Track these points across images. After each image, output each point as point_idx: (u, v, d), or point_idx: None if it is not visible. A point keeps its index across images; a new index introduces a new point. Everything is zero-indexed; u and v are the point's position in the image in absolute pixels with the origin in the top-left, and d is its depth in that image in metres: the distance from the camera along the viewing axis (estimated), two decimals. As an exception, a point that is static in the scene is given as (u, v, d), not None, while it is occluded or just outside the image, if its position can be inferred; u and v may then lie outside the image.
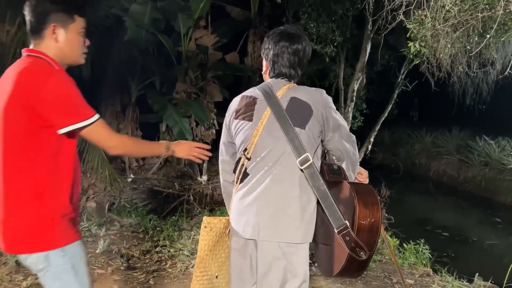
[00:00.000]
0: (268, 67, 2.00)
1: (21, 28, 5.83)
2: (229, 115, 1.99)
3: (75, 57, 1.76)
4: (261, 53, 2.03)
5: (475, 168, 9.10)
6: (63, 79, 1.63)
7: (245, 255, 1.90)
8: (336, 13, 7.00)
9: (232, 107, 1.99)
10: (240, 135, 1.91)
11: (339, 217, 1.67)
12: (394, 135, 12.03)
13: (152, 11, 6.51)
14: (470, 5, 3.60)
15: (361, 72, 7.68)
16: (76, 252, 1.70)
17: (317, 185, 1.74)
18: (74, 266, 1.68)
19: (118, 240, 4.40)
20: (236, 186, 1.93)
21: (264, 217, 1.80)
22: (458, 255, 5.26)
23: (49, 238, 1.64)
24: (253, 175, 1.86)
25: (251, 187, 1.86)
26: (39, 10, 1.68)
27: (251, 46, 8.30)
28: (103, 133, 1.68)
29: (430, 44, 4.17)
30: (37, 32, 1.69)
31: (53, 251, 1.64)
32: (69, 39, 1.72)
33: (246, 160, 1.86)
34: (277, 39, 1.94)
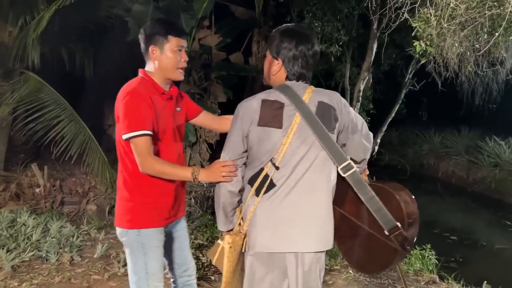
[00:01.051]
0: (283, 67, 1.86)
1: (22, 30, 5.80)
2: (248, 122, 1.78)
3: (171, 73, 2.06)
4: (271, 51, 1.87)
5: (484, 169, 8.90)
6: (133, 98, 1.95)
7: (272, 268, 1.81)
8: (342, 11, 6.90)
9: (251, 113, 1.78)
10: (267, 143, 1.76)
11: (389, 219, 1.67)
12: (402, 135, 11.85)
13: (154, 11, 6.43)
14: (478, 2, 3.48)
15: (367, 72, 7.57)
16: (150, 236, 2.07)
17: (363, 191, 1.73)
18: (145, 247, 2.06)
19: (117, 244, 4.32)
20: (257, 199, 1.79)
21: (303, 228, 1.78)
22: (466, 260, 5.11)
23: (128, 219, 2.07)
24: (282, 185, 1.76)
25: (282, 198, 1.77)
26: (142, 37, 2.08)
27: (256, 45, 8.23)
28: (138, 150, 1.94)
29: (436, 43, 4.05)
30: (145, 54, 2.08)
31: (131, 230, 2.06)
32: (164, 57, 2.04)
33: (274, 170, 1.76)
34: (297, 40, 1.83)
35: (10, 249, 3.84)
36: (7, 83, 5.80)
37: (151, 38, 2.04)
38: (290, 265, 1.80)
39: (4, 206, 4.87)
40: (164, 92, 2.08)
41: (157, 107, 2.03)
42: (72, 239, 4.19)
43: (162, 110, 2.06)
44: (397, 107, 8.28)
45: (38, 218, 4.52)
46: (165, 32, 2.03)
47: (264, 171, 1.77)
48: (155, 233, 2.09)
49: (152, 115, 1.98)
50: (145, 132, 1.93)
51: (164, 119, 2.08)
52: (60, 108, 5.22)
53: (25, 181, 5.28)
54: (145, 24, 2.16)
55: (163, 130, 2.08)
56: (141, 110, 1.95)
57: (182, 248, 2.33)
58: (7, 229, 4.15)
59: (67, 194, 5.26)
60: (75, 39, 6.43)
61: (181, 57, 2.06)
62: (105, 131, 7.68)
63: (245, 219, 1.84)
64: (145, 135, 1.94)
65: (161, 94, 2.07)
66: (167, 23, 2.09)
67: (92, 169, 5.13)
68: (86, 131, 5.16)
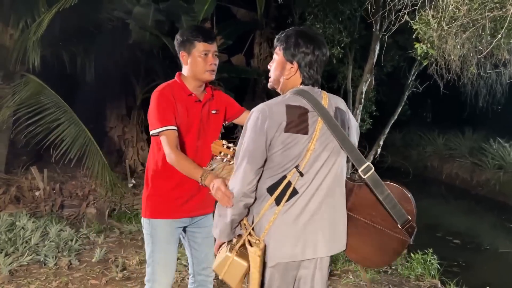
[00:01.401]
0: (299, 71, 1.83)
1: (23, 32, 5.80)
2: (274, 128, 1.70)
3: (200, 75, 2.24)
4: (285, 54, 1.81)
5: (488, 172, 8.82)
6: (158, 96, 2.19)
7: (288, 276, 1.80)
8: (344, 13, 6.84)
9: (277, 118, 1.71)
10: (293, 150, 1.72)
11: (403, 214, 1.78)
12: (406, 136, 11.78)
13: (155, 13, 6.43)
14: (479, 4, 3.42)
15: (370, 74, 7.48)
16: (158, 227, 2.25)
17: (381, 190, 1.79)
18: (153, 237, 2.26)
19: (116, 248, 4.31)
20: (277, 208, 1.74)
21: (324, 233, 1.79)
22: (469, 264, 5.04)
23: (144, 208, 2.30)
24: (304, 192, 1.75)
25: (304, 205, 1.75)
26: (175, 43, 2.29)
27: (257, 47, 8.19)
28: (165, 145, 2.14)
29: (438, 45, 4.00)
30: (181, 59, 2.28)
31: (144, 219, 2.30)
32: (192, 61, 2.23)
33: (297, 177, 1.73)
34: (314, 44, 1.81)
35: (8, 253, 3.83)
36: (8, 85, 5.80)
37: (181, 44, 2.25)
38: (306, 270, 1.80)
39: (3, 209, 4.86)
40: (191, 94, 2.26)
41: (181, 107, 2.22)
42: (71, 243, 4.17)
43: (187, 110, 2.24)
44: (400, 109, 8.20)
45: (38, 222, 4.50)
46: (192, 38, 2.21)
47: (287, 179, 1.73)
48: (163, 224, 2.26)
49: (173, 113, 2.18)
50: (169, 128, 2.16)
51: (188, 119, 2.24)
52: (60, 110, 5.21)
53: (25, 184, 5.27)
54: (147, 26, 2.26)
55: (186, 129, 2.24)
56: (163, 107, 2.17)
57: (204, 244, 2.42)
58: (5, 233, 4.15)
59: (67, 197, 5.25)
60: (76, 41, 6.43)
61: (208, 60, 2.22)
62: (107, 133, 7.68)
63: (261, 230, 1.77)
64: (170, 130, 2.16)
65: (188, 96, 2.26)
66: (195, 29, 2.26)
67: (92, 172, 5.11)
68: (86, 134, 5.15)
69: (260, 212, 1.77)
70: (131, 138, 7.69)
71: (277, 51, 1.86)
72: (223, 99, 2.46)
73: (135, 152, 7.60)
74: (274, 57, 1.89)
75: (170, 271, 2.33)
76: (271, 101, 1.78)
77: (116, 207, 5.27)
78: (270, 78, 1.92)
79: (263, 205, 1.76)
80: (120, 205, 5.29)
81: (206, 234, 2.41)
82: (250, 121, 1.76)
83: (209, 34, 2.26)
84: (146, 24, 6.49)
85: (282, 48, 1.83)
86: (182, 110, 2.22)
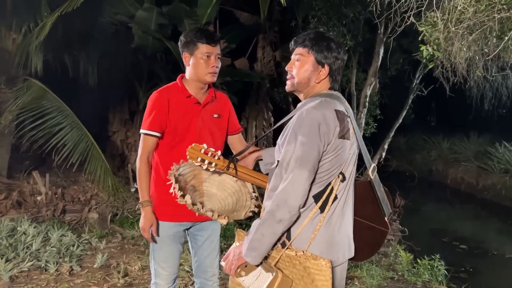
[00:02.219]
0: (329, 76, 1.79)
1: (26, 36, 5.79)
2: (331, 134, 1.66)
3: (201, 77, 2.24)
4: (317, 57, 1.76)
5: (494, 176, 8.73)
6: (151, 98, 2.25)
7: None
8: (347, 16, 6.81)
9: (333, 124, 1.66)
10: (340, 156, 1.70)
11: (389, 207, 1.92)
12: (410, 140, 11.69)
13: (158, 17, 6.40)
14: (486, 5, 3.37)
15: (374, 77, 7.45)
16: (161, 229, 2.27)
17: (379, 189, 1.88)
18: (155, 237, 2.27)
19: (118, 254, 4.26)
20: (322, 215, 1.69)
21: (349, 236, 1.82)
22: (476, 270, 4.95)
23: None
24: (340, 197, 1.74)
25: (340, 209, 1.75)
26: (179, 44, 2.28)
27: (261, 51, 8.14)
28: (139, 148, 2.26)
29: (444, 48, 3.94)
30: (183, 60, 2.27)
31: None
32: (194, 63, 2.23)
33: (339, 182, 1.71)
34: (343, 49, 1.80)
35: (9, 258, 3.78)
36: (10, 90, 5.78)
37: (184, 45, 2.25)
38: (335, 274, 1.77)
39: (5, 214, 4.82)
40: (190, 96, 2.27)
41: (177, 109, 2.25)
42: (73, 249, 4.12)
43: (185, 112, 2.26)
44: (405, 112, 8.15)
45: (39, 227, 4.45)
46: (195, 40, 2.21)
47: (331, 185, 1.70)
48: (163, 226, 2.26)
49: (164, 116, 2.23)
50: (148, 132, 2.23)
51: (185, 121, 2.26)
52: (62, 115, 5.18)
53: (27, 189, 5.23)
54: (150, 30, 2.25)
55: (184, 131, 2.26)
56: (151, 111, 2.23)
57: (204, 247, 2.43)
58: (6, 238, 4.09)
59: (69, 202, 5.20)
60: (78, 45, 6.41)
61: (210, 63, 2.22)
62: (109, 138, 7.64)
63: (305, 241, 1.69)
64: (148, 135, 2.23)
65: (186, 98, 2.27)
66: (198, 31, 2.25)
67: (94, 176, 5.07)
68: (88, 138, 5.11)
69: (303, 222, 1.68)
70: (134, 143, 7.64)
71: (304, 53, 1.78)
72: (228, 108, 2.45)
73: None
74: (298, 58, 1.79)
75: (169, 268, 2.35)
76: (317, 105, 1.70)
77: (118, 212, 5.21)
78: (291, 81, 1.82)
79: (307, 214, 1.69)
80: (122, 210, 5.24)
81: (207, 237, 2.42)
82: (304, 126, 1.66)
83: (212, 36, 2.25)
84: (149, 28, 6.47)
85: (313, 51, 1.77)
86: (178, 112, 2.25)
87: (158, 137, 2.27)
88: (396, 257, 4.52)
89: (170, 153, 2.25)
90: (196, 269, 2.50)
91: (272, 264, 1.69)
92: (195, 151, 1.99)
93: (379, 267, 4.07)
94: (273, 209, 1.63)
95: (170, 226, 2.27)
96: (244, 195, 2.18)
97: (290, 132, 1.69)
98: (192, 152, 1.99)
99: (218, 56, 2.26)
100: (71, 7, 4.87)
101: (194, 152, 1.99)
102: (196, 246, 2.46)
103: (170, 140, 2.29)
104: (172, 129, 2.26)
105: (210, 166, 2.00)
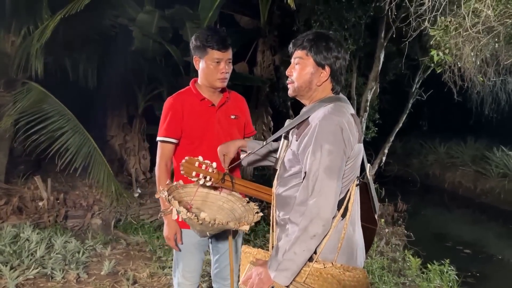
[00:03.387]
0: (330, 77, 1.73)
1: (25, 39, 5.68)
2: (353, 140, 1.63)
3: (211, 82, 2.23)
4: (316, 58, 1.70)
5: (492, 180, 8.77)
6: (166, 105, 2.27)
7: None
8: (349, 21, 6.80)
9: (353, 130, 1.64)
10: (357, 160, 1.69)
11: (377, 205, 1.93)
12: (406, 145, 11.72)
13: (159, 20, 6.34)
14: (499, 10, 3.38)
15: (375, 82, 7.46)
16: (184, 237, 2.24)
17: (372, 187, 1.87)
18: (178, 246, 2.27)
19: (124, 260, 4.17)
20: (344, 222, 1.66)
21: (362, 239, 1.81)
22: (483, 275, 4.93)
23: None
24: (354, 201, 1.70)
25: (356, 212, 1.74)
26: (190, 46, 2.27)
27: (261, 55, 8.11)
28: (158, 155, 2.27)
29: (453, 52, 3.95)
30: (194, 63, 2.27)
31: None
32: (204, 67, 2.21)
33: (355, 187, 1.68)
34: (344, 48, 1.74)
35: (13, 266, 3.68)
36: (9, 93, 5.67)
37: (194, 49, 2.24)
38: None
39: (6, 220, 4.71)
40: (204, 99, 2.27)
41: (192, 114, 2.25)
42: (78, 255, 4.03)
43: (200, 116, 2.26)
44: (405, 117, 8.17)
45: (42, 233, 4.36)
46: (205, 44, 2.18)
47: (350, 190, 1.67)
48: (187, 234, 2.24)
49: (179, 122, 2.23)
50: (164, 139, 2.24)
51: (201, 124, 2.26)
52: (64, 119, 5.09)
53: (27, 194, 5.12)
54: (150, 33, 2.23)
55: (201, 134, 2.25)
56: (165, 118, 2.24)
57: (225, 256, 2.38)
58: (10, 245, 4.00)
59: (71, 207, 5.10)
60: (78, 48, 6.32)
61: (220, 69, 2.20)
62: (107, 142, 7.54)
63: (332, 252, 1.64)
64: (164, 142, 2.25)
65: (201, 101, 2.27)
66: (209, 35, 2.19)
67: (97, 181, 4.98)
68: (91, 142, 5.02)
69: (329, 232, 1.62)
70: (132, 147, 7.55)
71: (302, 55, 1.72)
72: (244, 109, 2.47)
73: (136, 161, 7.46)
74: (298, 62, 1.73)
75: (193, 278, 2.34)
76: (333, 110, 1.65)
77: (121, 218, 5.13)
78: (292, 85, 1.77)
79: (332, 223, 1.63)
80: (125, 215, 5.15)
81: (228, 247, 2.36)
82: (327, 134, 1.59)
83: (224, 41, 2.20)
84: (149, 31, 6.40)
85: (312, 52, 1.70)
86: (193, 117, 2.25)
87: (175, 144, 2.27)
88: (404, 262, 4.49)
89: None
90: (215, 275, 2.50)
91: (302, 281, 1.60)
92: (190, 165, 1.91)
93: (390, 273, 4.04)
94: (306, 225, 1.56)
95: (194, 234, 2.20)
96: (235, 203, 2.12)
97: (313, 141, 1.60)
98: (187, 166, 1.91)
99: (229, 61, 2.24)
100: (74, 9, 4.79)
101: (189, 166, 1.91)
102: (218, 254, 2.44)
103: (187, 145, 2.28)
104: (188, 134, 2.25)
105: (206, 181, 1.94)
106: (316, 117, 1.66)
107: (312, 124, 1.64)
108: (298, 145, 1.68)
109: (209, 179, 1.92)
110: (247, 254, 1.81)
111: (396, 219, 6.37)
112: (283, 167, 1.78)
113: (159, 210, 5.35)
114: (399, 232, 5.70)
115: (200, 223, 1.79)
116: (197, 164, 1.92)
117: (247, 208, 2.07)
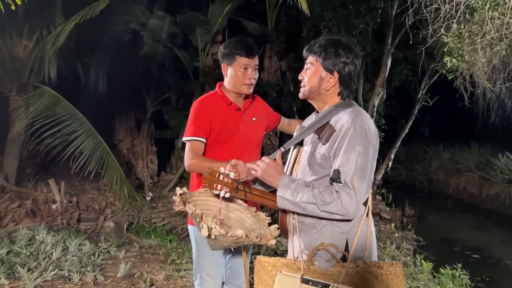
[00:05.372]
0: (338, 83, 1.77)
1: (38, 43, 5.73)
2: (377, 140, 1.73)
3: (238, 88, 2.34)
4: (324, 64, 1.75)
5: (497, 186, 8.81)
6: (194, 107, 2.34)
7: None
8: (357, 27, 6.87)
9: (375, 130, 1.73)
10: (375, 159, 1.74)
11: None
12: (409, 151, 11.76)
13: (170, 26, 6.40)
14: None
15: (382, 88, 7.52)
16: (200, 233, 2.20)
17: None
18: (197, 242, 2.37)
19: (139, 263, 4.20)
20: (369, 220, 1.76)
21: None
22: (494, 279, 4.97)
23: (189, 216, 2.32)
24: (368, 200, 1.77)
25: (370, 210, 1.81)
26: (219, 54, 2.38)
27: (268, 61, 8.18)
28: (188, 152, 2.27)
29: (466, 59, 4.00)
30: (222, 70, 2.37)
31: (190, 226, 2.45)
32: (232, 74, 2.32)
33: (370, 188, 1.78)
34: (354, 54, 1.76)
35: (31, 268, 3.71)
36: (21, 97, 5.71)
37: (223, 56, 2.35)
38: None
39: (19, 222, 4.74)
40: (231, 103, 2.37)
41: (221, 116, 2.32)
42: (93, 258, 4.06)
43: (228, 119, 2.34)
44: (411, 123, 8.23)
45: (56, 236, 4.39)
46: (233, 52, 2.30)
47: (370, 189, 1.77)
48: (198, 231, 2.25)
49: (208, 123, 2.29)
50: (193, 138, 2.28)
51: (229, 127, 2.34)
52: (77, 123, 5.13)
53: (40, 197, 5.15)
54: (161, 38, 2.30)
55: (227, 137, 2.33)
56: (197, 119, 2.31)
57: (239, 255, 2.40)
58: (26, 247, 4.03)
59: (83, 210, 5.13)
60: (89, 52, 6.38)
61: (247, 75, 2.31)
62: (115, 146, 7.58)
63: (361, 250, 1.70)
64: (196, 140, 2.29)
65: (228, 105, 2.36)
66: (238, 43, 2.32)
67: (110, 184, 5.02)
68: (104, 146, 5.07)
69: (357, 232, 1.69)
70: (140, 151, 7.59)
71: (313, 61, 1.79)
72: (263, 108, 2.58)
73: (144, 165, 7.50)
74: (309, 67, 1.80)
75: (217, 276, 2.41)
76: (357, 113, 1.71)
77: (134, 221, 5.16)
78: (303, 88, 1.83)
79: (360, 222, 1.71)
80: (138, 218, 5.18)
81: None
82: (358, 136, 1.64)
83: (251, 49, 2.33)
84: (160, 37, 6.46)
85: (320, 58, 1.76)
86: (222, 119, 2.33)
87: (203, 143, 2.32)
88: (415, 266, 4.52)
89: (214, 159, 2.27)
90: (228, 276, 2.52)
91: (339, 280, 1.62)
92: (212, 177, 1.79)
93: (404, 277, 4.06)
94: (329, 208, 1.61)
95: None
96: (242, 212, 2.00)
97: (345, 143, 1.65)
98: (210, 179, 1.78)
99: (255, 68, 2.35)
100: (89, 14, 4.85)
101: (211, 179, 1.79)
102: (230, 254, 2.47)
103: (212, 145, 2.35)
104: (215, 136, 2.33)
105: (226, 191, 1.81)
106: (342, 120, 1.70)
107: (342, 127, 1.68)
108: (329, 149, 1.70)
109: (225, 189, 1.83)
110: (264, 264, 1.74)
111: (405, 224, 6.40)
112: (302, 173, 1.79)
113: (170, 214, 5.40)
114: (409, 236, 5.73)
115: (235, 240, 1.69)
116: (219, 176, 1.81)
117: (258, 219, 1.97)
